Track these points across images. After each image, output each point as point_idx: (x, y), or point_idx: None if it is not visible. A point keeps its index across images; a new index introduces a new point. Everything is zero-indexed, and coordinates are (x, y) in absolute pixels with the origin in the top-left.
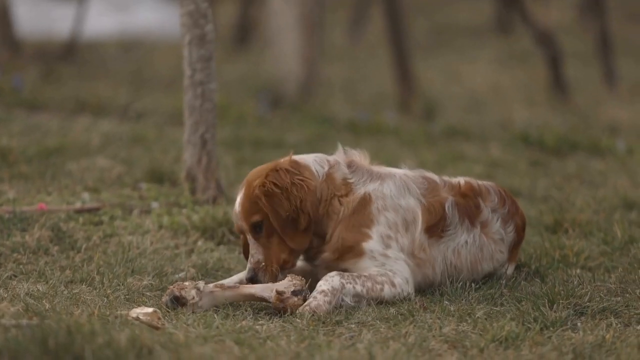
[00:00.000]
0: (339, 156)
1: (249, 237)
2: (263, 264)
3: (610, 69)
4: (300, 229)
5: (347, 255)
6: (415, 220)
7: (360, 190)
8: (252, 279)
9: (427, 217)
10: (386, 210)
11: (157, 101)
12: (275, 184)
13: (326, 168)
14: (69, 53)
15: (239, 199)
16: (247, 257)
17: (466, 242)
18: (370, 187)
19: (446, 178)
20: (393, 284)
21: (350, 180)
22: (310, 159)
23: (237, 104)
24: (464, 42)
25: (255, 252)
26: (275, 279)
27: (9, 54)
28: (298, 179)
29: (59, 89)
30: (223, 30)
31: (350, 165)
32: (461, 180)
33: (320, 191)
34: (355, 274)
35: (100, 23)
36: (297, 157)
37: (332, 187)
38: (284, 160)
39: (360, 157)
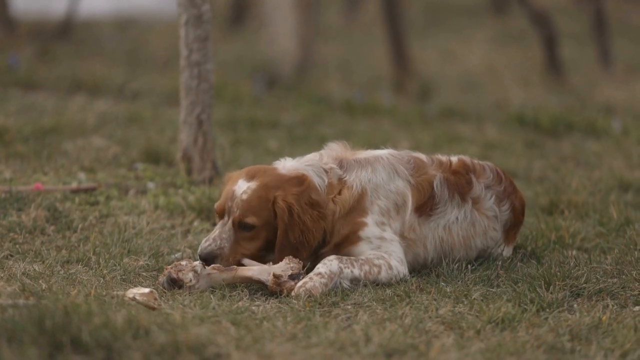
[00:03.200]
0: (329, 156)
1: (223, 222)
2: (225, 251)
3: (605, 49)
4: (296, 256)
5: (344, 244)
6: (405, 203)
7: (355, 183)
8: (205, 260)
9: (416, 197)
10: (378, 199)
11: (153, 81)
12: (299, 215)
13: (325, 180)
14: (65, 32)
15: (246, 189)
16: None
17: (457, 218)
18: (364, 177)
19: (437, 156)
20: (390, 267)
21: (345, 178)
22: (312, 174)
23: (233, 84)
24: (459, 22)
25: (224, 239)
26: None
27: (4, 32)
28: (317, 214)
29: (54, 68)
30: (218, 10)
31: (341, 163)
32: (454, 158)
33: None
34: (353, 257)
35: (96, 2)
36: (308, 176)
37: (329, 193)
38: (298, 179)
39: (343, 149)
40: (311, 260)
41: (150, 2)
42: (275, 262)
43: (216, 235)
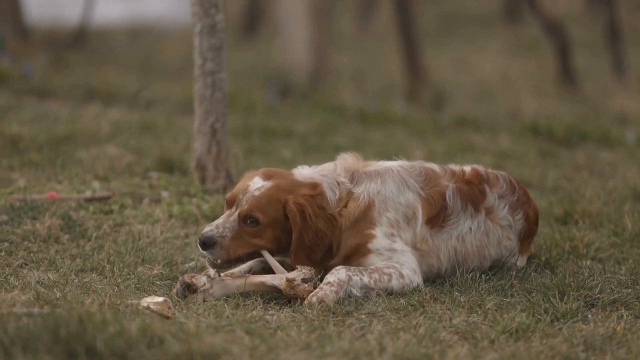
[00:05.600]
0: (342, 167)
1: (229, 212)
2: (225, 241)
3: (619, 58)
4: (310, 258)
5: (353, 257)
6: (415, 215)
7: (362, 195)
8: (204, 244)
9: (427, 210)
10: (387, 211)
11: (167, 89)
12: (311, 216)
13: (337, 193)
14: (79, 40)
15: (260, 187)
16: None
17: (470, 228)
18: (372, 189)
19: (450, 166)
20: (401, 275)
21: (353, 190)
22: (326, 185)
23: (246, 93)
24: (473, 31)
25: (227, 228)
26: (229, 265)
27: (19, 41)
28: (329, 214)
29: (68, 76)
30: (232, 19)
31: (352, 176)
32: (468, 168)
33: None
34: (361, 267)
35: (110, 10)
36: (321, 184)
37: (337, 207)
38: (312, 185)
39: (356, 160)
40: (321, 272)
41: (164, 10)
42: (290, 264)
43: (220, 223)
